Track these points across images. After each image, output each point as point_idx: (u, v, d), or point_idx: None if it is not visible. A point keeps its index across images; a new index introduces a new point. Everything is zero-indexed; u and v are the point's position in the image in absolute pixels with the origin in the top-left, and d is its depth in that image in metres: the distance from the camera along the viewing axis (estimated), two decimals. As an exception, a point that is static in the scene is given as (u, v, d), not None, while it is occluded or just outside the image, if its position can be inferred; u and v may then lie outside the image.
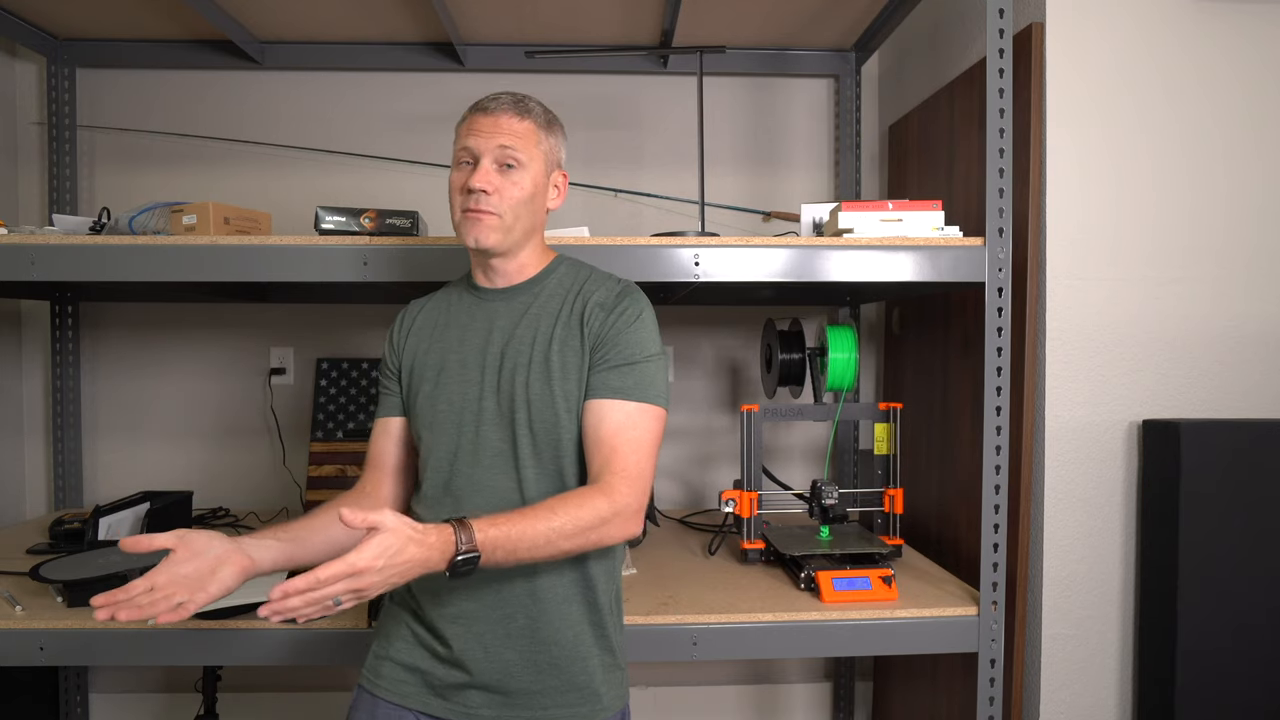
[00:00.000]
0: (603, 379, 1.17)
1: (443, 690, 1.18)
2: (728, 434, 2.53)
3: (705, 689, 2.55)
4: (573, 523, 1.06)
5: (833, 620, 1.56)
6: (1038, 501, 1.69)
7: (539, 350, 1.19)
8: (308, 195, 2.45)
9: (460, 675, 1.16)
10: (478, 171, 1.17)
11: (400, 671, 1.20)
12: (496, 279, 1.26)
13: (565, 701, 1.16)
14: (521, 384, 1.18)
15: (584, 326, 1.19)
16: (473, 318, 1.26)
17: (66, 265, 1.52)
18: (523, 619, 1.16)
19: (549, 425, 1.17)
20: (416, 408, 1.25)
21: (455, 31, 2.23)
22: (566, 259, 1.30)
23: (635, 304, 1.21)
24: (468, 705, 1.16)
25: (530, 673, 1.16)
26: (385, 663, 1.21)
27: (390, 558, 0.93)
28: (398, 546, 0.94)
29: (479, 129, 1.19)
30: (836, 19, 2.20)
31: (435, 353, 1.26)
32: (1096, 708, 1.70)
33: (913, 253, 1.55)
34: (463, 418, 1.20)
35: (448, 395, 1.22)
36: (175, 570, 1.00)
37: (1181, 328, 1.69)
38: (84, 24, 2.25)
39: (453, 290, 1.33)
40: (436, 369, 1.24)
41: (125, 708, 2.47)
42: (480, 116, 1.20)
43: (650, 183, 2.50)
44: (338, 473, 2.36)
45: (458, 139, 1.22)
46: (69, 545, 1.92)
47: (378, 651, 1.24)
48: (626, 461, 1.13)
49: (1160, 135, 1.69)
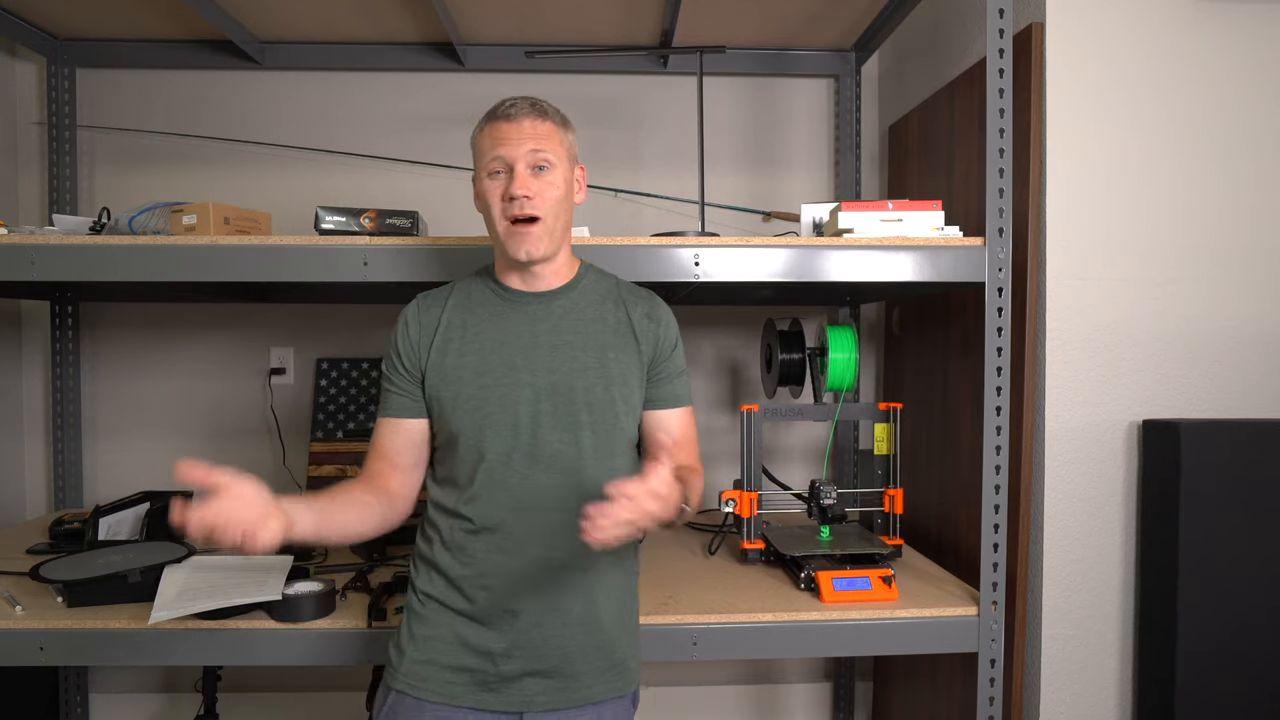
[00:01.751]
0: (668, 390, 1.32)
1: (496, 684, 1.20)
2: (728, 434, 2.53)
3: (705, 689, 2.55)
4: (699, 494, 1.25)
5: (833, 620, 1.56)
6: (1038, 501, 1.69)
7: (593, 355, 1.25)
8: (308, 195, 2.45)
9: (518, 666, 1.20)
10: (516, 179, 1.19)
11: (447, 674, 1.21)
12: (536, 283, 1.28)
13: (606, 680, 1.25)
14: (582, 388, 1.23)
15: (638, 338, 1.29)
16: (508, 320, 1.26)
17: (66, 265, 1.52)
18: (578, 606, 1.23)
19: (609, 426, 1.24)
20: (455, 409, 1.23)
21: (455, 31, 2.23)
22: (587, 263, 1.36)
23: (672, 318, 1.36)
24: (524, 693, 1.20)
25: (583, 656, 1.23)
26: (429, 667, 1.21)
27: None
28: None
29: (506, 136, 1.20)
30: (836, 19, 2.20)
31: (471, 354, 1.24)
32: (1096, 708, 1.70)
33: (913, 253, 1.56)
34: (518, 420, 1.22)
35: (498, 398, 1.22)
36: (227, 508, 0.98)
37: (1181, 327, 1.69)
38: (84, 24, 2.25)
39: (470, 290, 1.30)
40: (477, 371, 1.23)
41: (125, 708, 2.47)
42: (503, 124, 1.21)
43: (650, 183, 2.50)
44: (338, 473, 2.36)
45: (482, 151, 1.23)
46: (69, 545, 1.92)
47: (416, 657, 1.22)
48: (697, 454, 1.36)
49: (1160, 135, 1.69)
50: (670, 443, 1.28)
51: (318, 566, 1.78)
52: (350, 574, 1.72)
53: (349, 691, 2.46)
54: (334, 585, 1.57)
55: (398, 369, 1.28)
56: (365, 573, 1.71)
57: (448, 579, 1.23)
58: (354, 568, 1.76)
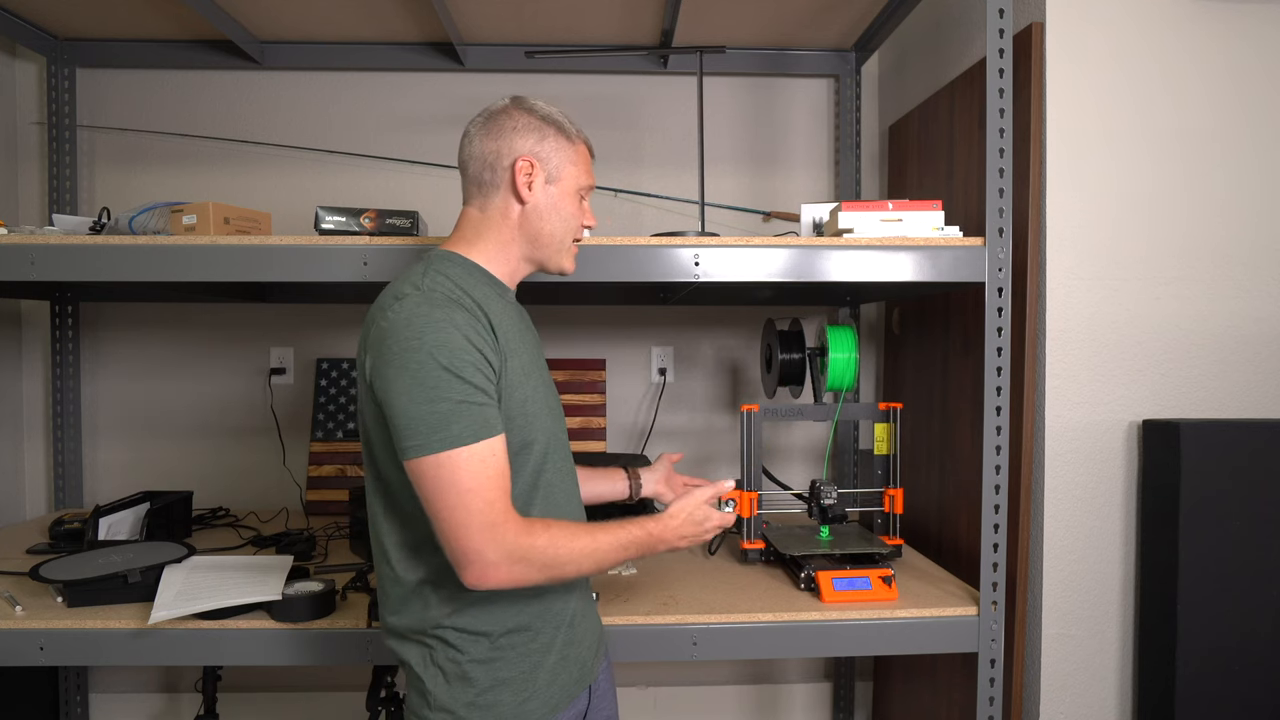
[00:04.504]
0: None
1: (591, 667, 1.27)
2: (728, 434, 2.54)
3: (705, 689, 2.55)
4: None
5: (833, 620, 1.56)
6: (1038, 501, 1.69)
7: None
8: (308, 195, 2.45)
9: (593, 650, 1.28)
10: (587, 212, 1.26)
11: (566, 682, 1.20)
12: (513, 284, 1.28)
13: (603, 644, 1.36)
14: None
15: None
16: (516, 319, 1.25)
17: (66, 265, 1.52)
18: (593, 595, 1.38)
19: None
20: (519, 407, 1.13)
21: (455, 31, 2.23)
22: None
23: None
24: (599, 666, 1.30)
25: (601, 630, 1.35)
26: (552, 688, 1.17)
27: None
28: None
29: (590, 168, 1.26)
30: (836, 19, 2.20)
31: (517, 353, 1.16)
32: (1096, 708, 1.70)
33: (913, 253, 1.55)
34: (555, 417, 1.25)
35: (541, 396, 1.20)
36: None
37: (1182, 327, 1.69)
38: (84, 24, 2.25)
39: (482, 291, 1.16)
40: (525, 371, 1.16)
41: (125, 708, 2.47)
42: (588, 153, 1.27)
43: (650, 183, 2.50)
44: (338, 473, 2.37)
45: (581, 172, 1.23)
46: (69, 545, 1.92)
47: (529, 693, 1.15)
48: None
49: (1160, 135, 1.69)
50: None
51: (318, 566, 1.78)
52: (350, 574, 1.72)
53: (349, 691, 2.46)
54: (334, 585, 1.57)
55: (484, 373, 1.06)
56: (365, 572, 1.71)
57: (532, 596, 1.16)
58: (354, 568, 1.75)
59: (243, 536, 2.07)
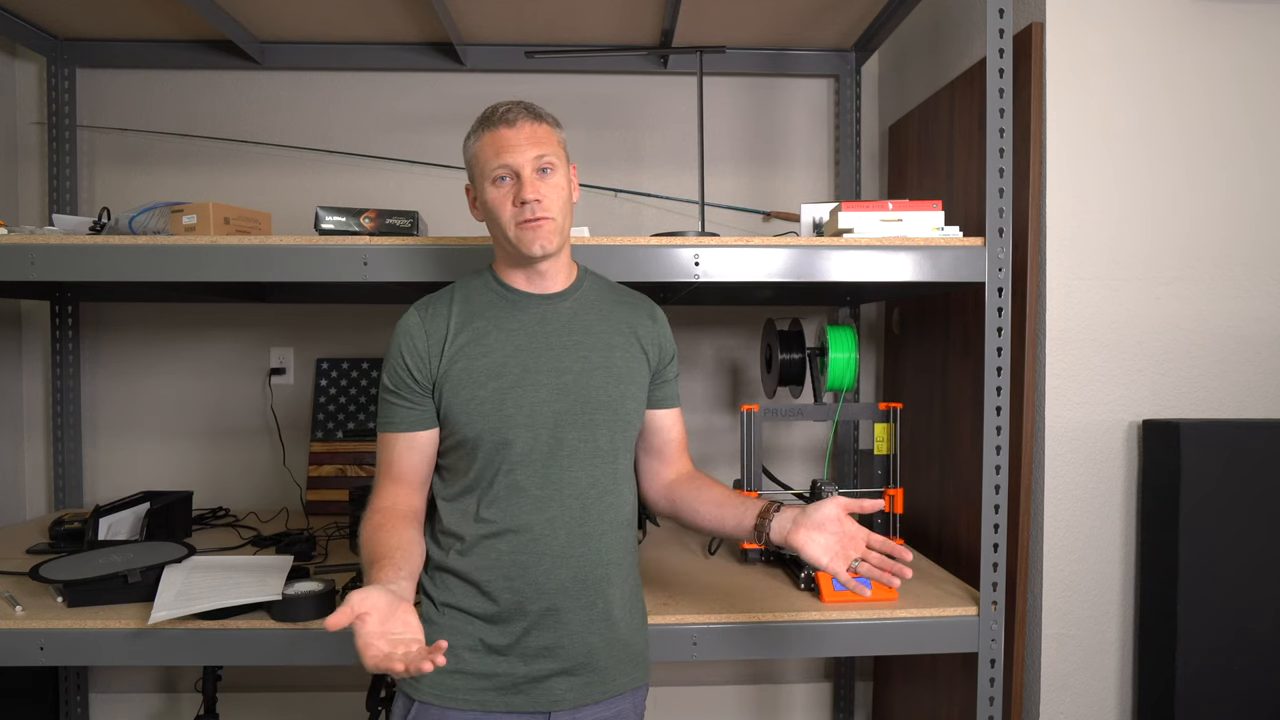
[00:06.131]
0: (672, 390, 1.38)
1: (525, 686, 1.21)
2: (728, 434, 2.53)
3: (705, 689, 2.55)
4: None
5: (833, 620, 1.56)
6: (1038, 501, 1.69)
7: (601, 355, 1.27)
8: (308, 195, 2.45)
9: (548, 666, 1.21)
10: (524, 184, 1.20)
11: (476, 681, 1.20)
12: (544, 285, 1.28)
13: (626, 672, 1.27)
14: (595, 386, 1.25)
15: (641, 340, 1.32)
16: (518, 322, 1.25)
17: (66, 265, 1.52)
18: (601, 604, 1.24)
19: (622, 424, 1.28)
20: (475, 414, 1.21)
21: (455, 31, 2.23)
22: (584, 266, 1.38)
23: (667, 322, 1.39)
24: (551, 693, 1.21)
25: (607, 651, 1.24)
26: (456, 676, 1.20)
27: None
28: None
29: (509, 143, 1.20)
30: (836, 19, 2.20)
31: (486, 358, 1.23)
32: (1096, 708, 1.70)
33: (913, 253, 1.56)
34: (536, 420, 1.22)
35: (514, 400, 1.21)
36: (380, 629, 1.00)
37: (1182, 327, 1.69)
38: (84, 24, 2.25)
39: (471, 294, 1.28)
40: (492, 374, 1.22)
41: (125, 708, 2.47)
42: (505, 130, 1.21)
43: (650, 183, 2.50)
44: (338, 473, 2.37)
45: (484, 160, 1.22)
46: (69, 545, 1.92)
47: (442, 667, 1.17)
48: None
49: (1160, 135, 1.69)
50: (681, 440, 1.42)
51: (318, 566, 1.78)
52: (350, 574, 1.72)
53: (349, 691, 2.46)
54: (334, 585, 1.57)
55: (406, 382, 1.24)
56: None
57: (469, 584, 1.22)
58: (354, 568, 1.76)
59: (243, 536, 2.07)
